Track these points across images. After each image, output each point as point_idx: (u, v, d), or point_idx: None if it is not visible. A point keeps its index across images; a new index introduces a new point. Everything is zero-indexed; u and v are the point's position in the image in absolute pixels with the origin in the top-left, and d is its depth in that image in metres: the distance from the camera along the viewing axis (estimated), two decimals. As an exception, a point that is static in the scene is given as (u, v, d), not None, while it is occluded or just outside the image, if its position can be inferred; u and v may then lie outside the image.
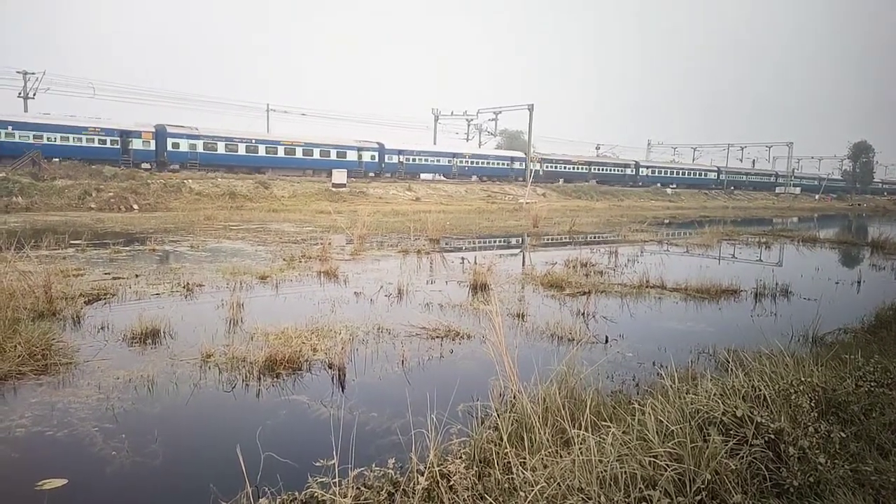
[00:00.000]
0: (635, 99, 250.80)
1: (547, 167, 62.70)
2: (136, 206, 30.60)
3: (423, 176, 55.14)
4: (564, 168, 65.05)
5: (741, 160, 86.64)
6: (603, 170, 69.27)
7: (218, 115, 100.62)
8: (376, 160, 51.33)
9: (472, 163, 58.23)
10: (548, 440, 3.83)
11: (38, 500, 3.90)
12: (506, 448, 3.68)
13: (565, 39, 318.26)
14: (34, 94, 42.61)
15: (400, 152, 53.27)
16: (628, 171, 71.33)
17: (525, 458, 3.62)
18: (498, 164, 60.90)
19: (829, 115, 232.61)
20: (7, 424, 4.99)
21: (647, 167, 74.28)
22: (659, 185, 71.33)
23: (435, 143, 62.33)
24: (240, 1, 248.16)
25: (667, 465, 3.28)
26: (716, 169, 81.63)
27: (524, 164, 58.60)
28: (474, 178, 58.52)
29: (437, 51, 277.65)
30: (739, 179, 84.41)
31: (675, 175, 76.09)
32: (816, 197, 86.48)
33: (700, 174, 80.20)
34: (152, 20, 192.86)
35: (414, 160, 54.16)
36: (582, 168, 66.70)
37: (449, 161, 56.68)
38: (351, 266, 14.20)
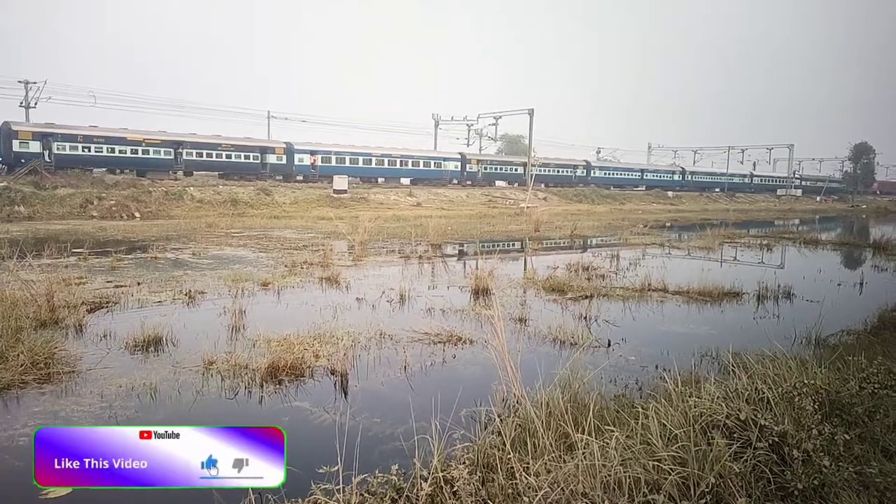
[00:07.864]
0: (636, 102, 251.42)
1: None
2: (137, 214, 30.65)
3: None
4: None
5: (742, 162, 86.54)
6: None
7: (219, 121, 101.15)
8: None
9: None
10: (551, 445, 3.83)
11: (42, 509, 3.90)
12: (509, 453, 3.67)
13: (565, 43, 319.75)
14: (36, 104, 42.73)
15: None
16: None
17: (528, 464, 3.62)
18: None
19: (829, 116, 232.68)
20: (10, 433, 5.00)
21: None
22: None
23: (435, 148, 59.22)
24: (237, 8, 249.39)
25: (671, 468, 3.28)
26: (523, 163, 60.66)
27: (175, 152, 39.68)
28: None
29: (437, 55, 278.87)
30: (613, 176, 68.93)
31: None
32: (818, 199, 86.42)
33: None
34: (149, 26, 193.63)
35: None
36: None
37: None
38: (353, 272, 14.20)
